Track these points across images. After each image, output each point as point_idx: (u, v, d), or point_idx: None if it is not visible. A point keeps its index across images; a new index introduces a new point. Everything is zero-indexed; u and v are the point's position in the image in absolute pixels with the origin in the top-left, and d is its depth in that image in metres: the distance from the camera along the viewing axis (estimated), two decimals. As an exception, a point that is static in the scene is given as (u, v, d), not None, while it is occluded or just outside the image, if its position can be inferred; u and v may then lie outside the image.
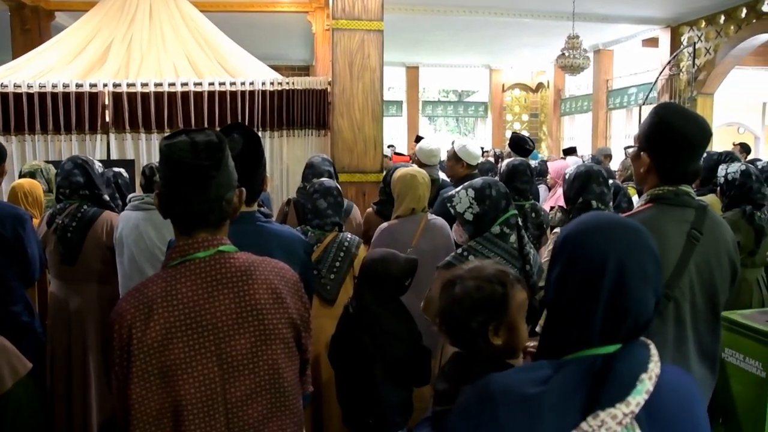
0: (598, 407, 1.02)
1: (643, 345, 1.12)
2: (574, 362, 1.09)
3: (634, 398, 1.02)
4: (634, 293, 1.11)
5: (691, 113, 2.03)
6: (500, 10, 10.17)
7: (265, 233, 2.14)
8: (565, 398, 1.04)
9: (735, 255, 2.00)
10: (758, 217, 3.69)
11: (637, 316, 1.11)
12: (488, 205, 2.47)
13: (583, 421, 1.02)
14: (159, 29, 5.83)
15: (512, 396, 1.06)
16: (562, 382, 1.06)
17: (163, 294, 1.41)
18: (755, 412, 3.08)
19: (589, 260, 1.13)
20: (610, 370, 1.05)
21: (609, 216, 1.27)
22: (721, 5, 9.70)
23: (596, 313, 1.10)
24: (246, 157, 2.08)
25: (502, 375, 1.12)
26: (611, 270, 1.10)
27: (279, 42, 11.89)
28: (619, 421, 1.01)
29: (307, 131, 5.57)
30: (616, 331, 1.11)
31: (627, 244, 1.14)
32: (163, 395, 1.38)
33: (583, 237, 1.17)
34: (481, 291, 1.52)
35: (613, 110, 13.10)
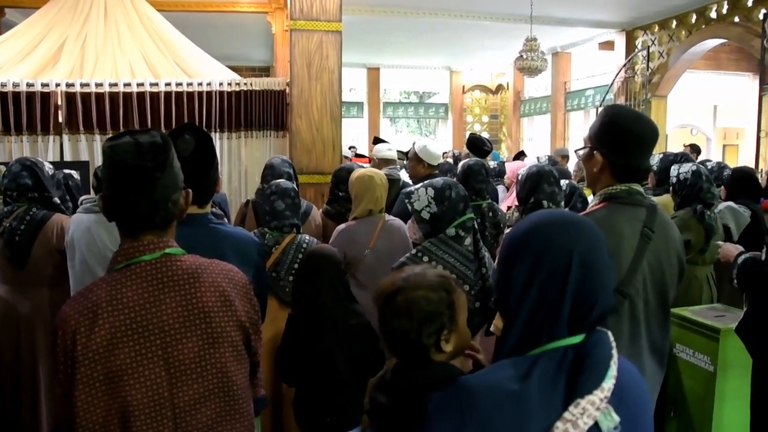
0: (577, 396, 1.06)
1: (604, 333, 1.17)
2: (545, 356, 1.11)
3: (607, 383, 1.08)
4: (600, 282, 1.17)
5: (640, 113, 2.09)
6: (460, 12, 10.25)
7: (217, 235, 2.12)
8: (546, 391, 1.07)
9: (682, 252, 2.06)
10: (708, 215, 3.79)
11: (603, 306, 1.16)
12: (446, 206, 2.47)
13: (565, 410, 1.05)
14: (114, 28, 5.70)
15: (497, 394, 1.07)
16: (541, 375, 1.08)
17: (108, 298, 1.38)
18: (704, 405, 3.16)
19: (556, 255, 1.15)
20: (585, 359, 1.09)
21: (561, 213, 1.30)
22: (672, 11, 9.94)
23: (564, 306, 1.13)
24: (198, 158, 2.05)
25: (475, 377, 1.14)
26: (577, 262, 1.14)
27: (239, 43, 11.77)
28: (597, 407, 1.05)
29: (266, 132, 5.52)
30: (583, 321, 1.14)
31: (587, 237, 1.18)
32: (109, 401, 1.35)
33: (544, 232, 1.19)
34: (431, 301, 1.47)
35: (571, 112, 13.31)
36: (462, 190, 2.56)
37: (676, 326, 3.38)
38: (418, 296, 1.47)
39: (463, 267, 2.36)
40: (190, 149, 2.02)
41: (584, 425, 1.04)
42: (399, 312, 1.47)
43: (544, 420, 1.05)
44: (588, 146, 2.03)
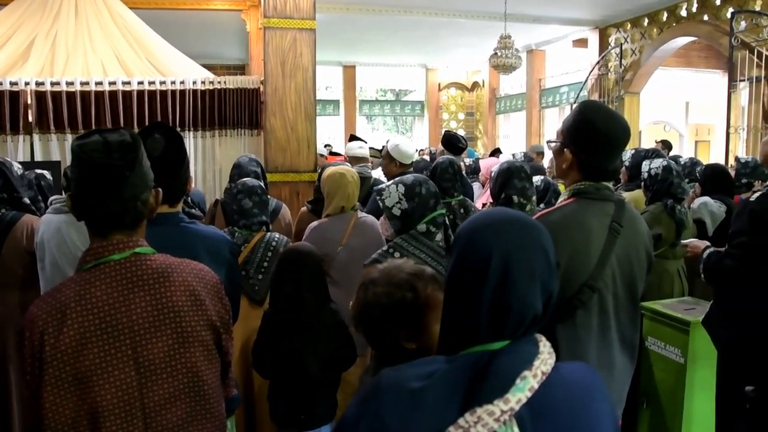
0: (475, 403, 1.00)
1: (531, 342, 1.11)
2: (463, 358, 1.08)
3: (515, 395, 1.01)
4: (518, 290, 1.09)
5: (613, 112, 2.08)
6: (435, 10, 10.27)
7: (189, 234, 2.11)
8: (446, 393, 1.03)
9: (650, 246, 2.08)
10: (679, 210, 3.85)
11: (521, 313, 1.09)
12: (417, 203, 2.49)
13: (461, 417, 1.00)
14: (86, 26, 5.62)
15: (397, 389, 1.05)
16: (446, 377, 1.05)
17: (76, 298, 1.37)
18: (675, 396, 3.22)
19: (476, 255, 1.11)
20: (489, 367, 1.04)
21: (501, 212, 1.23)
22: (644, 8, 10.06)
23: (481, 309, 1.09)
24: (168, 157, 2.04)
25: (395, 369, 1.11)
26: (495, 265, 1.09)
27: (213, 41, 11.68)
28: (497, 418, 0.99)
29: (240, 131, 5.48)
30: (501, 327, 1.09)
31: (514, 239, 1.12)
32: (78, 402, 1.34)
33: (472, 233, 1.16)
34: (391, 298, 1.50)
35: (546, 108, 13.41)
36: (433, 186, 2.58)
37: (648, 319, 3.43)
38: (380, 292, 1.51)
39: (434, 263, 2.37)
40: (160, 148, 2.01)
41: None
42: (365, 304, 1.53)
43: (436, 422, 1.01)
44: (559, 141, 2.05)
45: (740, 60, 7.92)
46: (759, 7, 8.05)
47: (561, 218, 1.93)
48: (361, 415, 1.06)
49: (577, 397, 1.10)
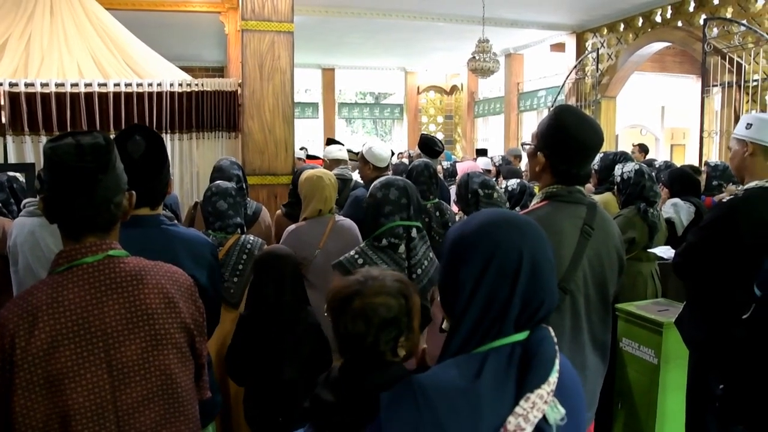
0: (527, 390, 1.09)
1: (547, 329, 1.21)
2: (494, 353, 1.14)
3: (552, 377, 1.12)
4: (546, 282, 1.21)
5: (587, 117, 2.11)
6: (414, 13, 10.30)
7: (170, 237, 2.09)
8: (497, 387, 1.09)
9: (621, 249, 2.11)
10: (651, 213, 3.91)
11: (550, 304, 1.21)
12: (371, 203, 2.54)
13: (516, 405, 1.08)
14: (61, 27, 5.55)
15: (450, 391, 1.09)
16: (493, 372, 1.11)
17: (48, 301, 1.36)
18: (649, 396, 3.26)
19: (507, 257, 1.18)
20: (535, 356, 1.13)
21: (506, 213, 1.33)
22: (620, 14, 10.18)
23: (513, 305, 1.17)
24: (149, 159, 2.03)
25: (427, 376, 1.13)
26: (527, 262, 1.18)
27: (192, 43, 11.61)
28: (545, 400, 1.09)
29: (218, 133, 5.46)
30: (531, 319, 1.18)
31: (534, 238, 1.23)
32: (49, 406, 1.33)
33: (497, 235, 1.21)
34: (390, 308, 1.47)
35: (524, 112, 13.49)
36: (398, 195, 2.52)
37: (622, 321, 3.48)
38: (377, 303, 1.46)
39: None
40: (141, 151, 2.00)
41: (534, 418, 1.08)
42: (356, 316, 1.45)
43: (496, 415, 1.07)
44: (534, 144, 2.08)
45: (713, 65, 8.05)
46: (730, 15, 8.19)
47: (534, 221, 1.95)
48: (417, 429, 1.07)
49: (575, 377, 1.26)
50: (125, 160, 1.97)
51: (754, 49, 7.67)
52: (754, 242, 2.35)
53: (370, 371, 1.45)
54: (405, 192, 2.54)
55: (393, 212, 2.49)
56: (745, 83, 7.79)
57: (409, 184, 2.61)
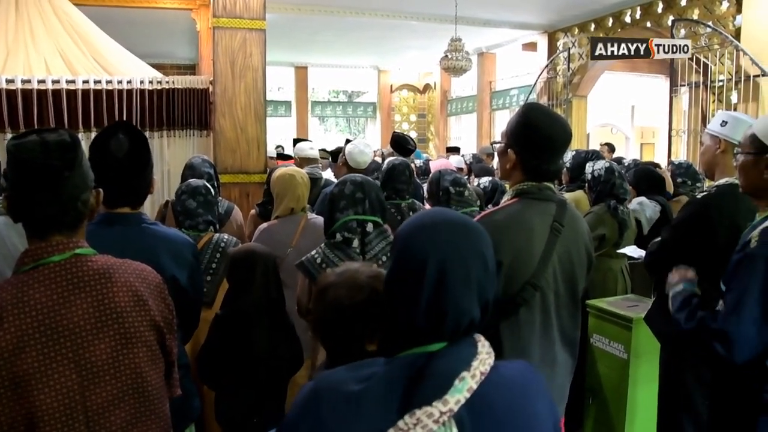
0: (414, 405, 1.01)
1: (469, 343, 1.12)
2: (400, 360, 1.09)
3: (453, 396, 1.02)
4: (453, 296, 1.10)
5: (555, 114, 2.14)
6: (386, 12, 10.32)
7: (150, 236, 2.07)
8: (384, 395, 1.04)
9: (590, 246, 2.14)
10: (621, 210, 3.97)
11: (456, 318, 1.10)
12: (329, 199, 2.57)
13: (400, 419, 1.01)
14: (27, 22, 5.43)
15: (335, 393, 1.05)
16: (384, 379, 1.06)
17: (13, 301, 1.34)
18: (619, 390, 3.31)
19: (413, 259, 1.12)
20: (426, 369, 1.05)
21: (440, 214, 1.22)
22: (590, 14, 10.31)
23: (418, 313, 1.09)
24: (132, 158, 2.01)
25: (332, 372, 1.11)
26: (432, 271, 1.09)
27: (163, 40, 11.48)
28: (435, 420, 1.00)
29: (189, 131, 5.40)
30: (438, 330, 1.10)
31: (451, 244, 1.12)
32: (15, 407, 1.30)
33: (409, 235, 1.16)
34: (354, 301, 1.51)
35: (497, 111, 13.60)
36: (353, 190, 2.54)
37: (593, 317, 3.53)
38: (343, 295, 1.52)
39: None
40: (125, 149, 1.98)
41: None
42: (329, 308, 1.53)
43: (376, 425, 1.01)
44: (504, 142, 2.10)
45: (681, 66, 8.20)
46: (697, 17, 8.34)
47: (504, 218, 1.97)
48: (301, 419, 1.06)
49: (516, 396, 1.11)
50: (108, 158, 1.95)
51: (720, 51, 7.83)
52: (726, 238, 2.39)
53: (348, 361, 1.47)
54: (360, 187, 2.53)
55: (347, 206, 2.50)
56: (711, 83, 7.94)
57: (368, 181, 2.61)
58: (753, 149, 2.10)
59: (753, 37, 7.44)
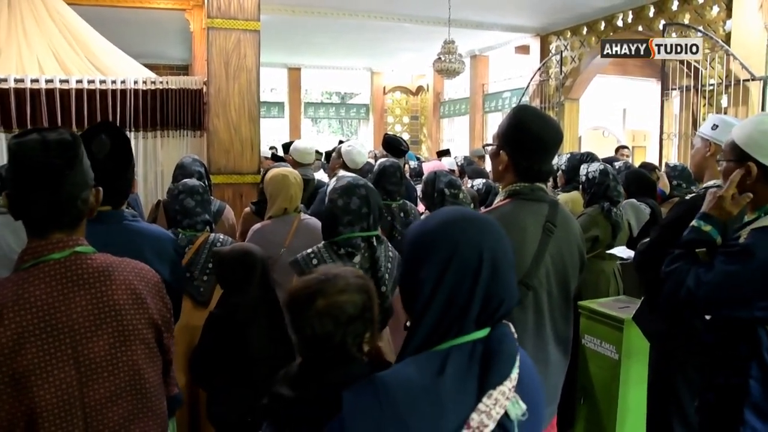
0: (489, 387, 1.10)
1: (507, 326, 1.23)
2: (455, 350, 1.14)
3: (513, 373, 1.13)
4: (506, 281, 1.22)
5: (546, 116, 2.16)
6: (380, 13, 10.33)
7: (133, 232, 2.10)
8: (459, 384, 1.10)
9: (582, 246, 2.16)
10: (615, 213, 4.00)
11: (510, 302, 1.22)
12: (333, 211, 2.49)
13: (479, 402, 1.09)
14: (20, 21, 5.42)
15: (411, 389, 1.09)
16: (454, 369, 1.11)
17: (13, 298, 1.35)
18: (610, 391, 3.34)
19: (467, 256, 1.18)
20: (496, 353, 1.14)
21: (466, 211, 1.33)
22: (583, 18, 10.36)
23: (474, 303, 1.17)
24: (115, 158, 2.03)
25: (388, 374, 1.14)
26: (487, 261, 1.18)
27: (156, 40, 11.45)
28: (507, 396, 1.11)
29: (183, 132, 5.41)
30: (491, 317, 1.19)
31: (495, 236, 1.23)
32: (14, 404, 1.31)
33: (454, 233, 1.21)
34: (356, 305, 1.46)
35: (489, 113, 13.63)
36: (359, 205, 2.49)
37: (585, 318, 3.55)
38: (342, 300, 1.44)
39: None
40: (107, 150, 2.00)
41: (497, 414, 1.09)
42: (323, 316, 1.43)
43: (459, 412, 1.08)
44: (495, 144, 2.12)
45: (672, 70, 8.26)
46: (687, 21, 8.40)
47: (497, 218, 1.97)
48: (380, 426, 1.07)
49: (533, 372, 1.28)
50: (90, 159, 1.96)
51: (710, 55, 7.89)
52: None
53: (333, 367, 1.44)
54: (366, 201, 2.49)
55: (353, 222, 2.45)
56: (702, 87, 8.00)
57: (371, 190, 2.57)
58: (733, 156, 2.12)
59: (743, 42, 7.51)
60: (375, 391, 1.11)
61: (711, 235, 2.07)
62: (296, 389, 1.44)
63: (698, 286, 2.00)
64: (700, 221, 2.11)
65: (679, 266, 2.09)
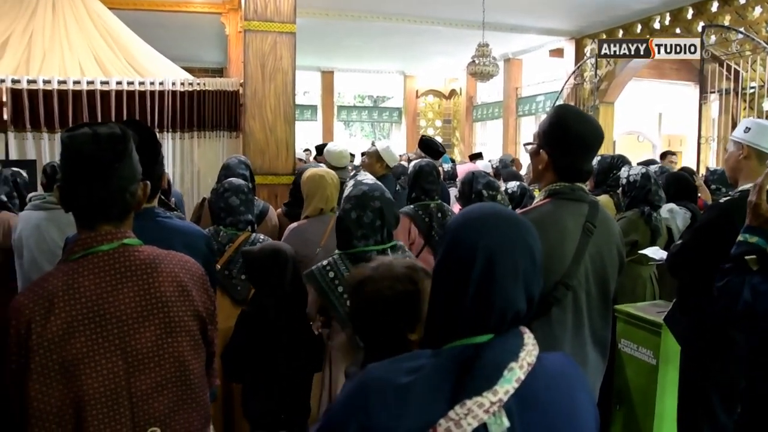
0: (464, 396, 1.02)
1: (516, 334, 1.12)
2: (448, 351, 1.10)
3: (503, 387, 1.03)
4: (501, 287, 1.10)
5: (588, 116, 2.15)
6: (414, 17, 10.34)
7: (165, 228, 2.12)
8: (433, 387, 1.05)
9: (622, 247, 2.14)
10: (654, 218, 3.93)
11: (503, 309, 1.10)
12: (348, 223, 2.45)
13: (450, 409, 1.02)
14: (63, 25, 5.58)
15: (384, 385, 1.06)
16: (432, 371, 1.07)
17: (64, 288, 1.38)
18: (647, 397, 3.28)
19: (462, 250, 1.13)
20: (477, 360, 1.06)
21: (491, 207, 1.25)
22: (618, 21, 10.24)
23: (465, 303, 1.10)
24: (141, 153, 2.05)
25: (380, 365, 1.12)
26: (480, 261, 1.10)
27: (192, 43, 11.63)
28: (486, 410, 1.02)
29: (219, 133, 5.49)
30: (484, 321, 1.10)
31: (500, 236, 1.13)
32: (64, 391, 1.34)
33: (460, 225, 1.17)
34: (394, 291, 1.52)
35: (522, 117, 13.55)
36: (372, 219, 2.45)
37: (621, 322, 3.51)
38: (383, 287, 1.53)
39: None
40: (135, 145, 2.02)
41: (468, 426, 1.01)
42: (367, 301, 1.54)
43: (426, 416, 1.02)
44: (536, 143, 2.11)
45: (711, 73, 8.10)
46: (728, 22, 8.24)
47: (537, 217, 1.97)
48: (349, 413, 1.07)
49: (561, 386, 1.13)
50: None
51: (752, 57, 7.73)
52: None
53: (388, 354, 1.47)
54: (380, 214, 2.46)
55: (367, 236, 2.43)
56: (742, 90, 7.84)
57: (386, 201, 2.52)
58: None
59: (786, 44, 7.36)
60: (360, 380, 1.10)
61: (759, 245, 2.03)
62: None
63: (755, 297, 1.95)
64: (745, 234, 2.07)
65: (731, 279, 2.05)
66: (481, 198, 3.41)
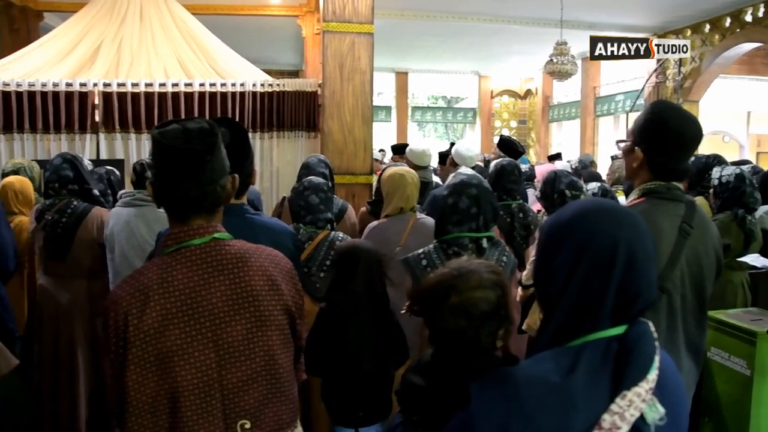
0: (623, 387, 1.04)
1: (646, 324, 1.15)
2: (588, 347, 1.09)
3: (651, 375, 1.06)
4: (644, 273, 1.14)
5: (686, 112, 2.05)
6: (489, 16, 10.24)
7: (253, 225, 2.15)
8: (592, 383, 1.05)
9: (719, 249, 2.05)
10: (749, 221, 3.73)
11: (648, 297, 1.14)
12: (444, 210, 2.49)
13: (612, 403, 1.04)
14: (149, 30, 5.82)
15: (541, 386, 1.06)
16: (587, 368, 1.06)
17: (159, 281, 1.41)
18: (740, 409, 3.11)
19: (601, 244, 1.13)
20: (632, 351, 1.07)
21: (606, 203, 1.25)
22: (705, 14, 9.83)
23: (608, 296, 1.11)
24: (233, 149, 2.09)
25: (518, 369, 1.11)
26: (622, 252, 1.11)
27: (268, 46, 11.90)
28: (643, 398, 1.04)
29: (298, 133, 5.57)
30: (626, 312, 1.12)
31: (632, 228, 1.15)
32: (159, 382, 1.37)
33: (587, 224, 1.16)
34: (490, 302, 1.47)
35: (601, 117, 13.22)
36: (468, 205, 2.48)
37: (712, 329, 3.34)
38: (476, 297, 1.46)
39: None
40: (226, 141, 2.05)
41: (631, 417, 1.03)
42: (456, 311, 1.46)
43: (590, 412, 1.03)
44: (630, 140, 2.03)
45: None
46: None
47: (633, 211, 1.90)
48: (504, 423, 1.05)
49: (677, 377, 1.19)
50: None
51: None
52: None
53: (464, 360, 1.45)
54: (476, 201, 2.48)
55: (461, 222, 2.46)
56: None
57: (484, 190, 2.54)
58: None
59: None
60: (503, 385, 1.08)
61: None
62: (427, 378, 1.46)
63: None
64: None
65: None
66: (563, 198, 3.33)
